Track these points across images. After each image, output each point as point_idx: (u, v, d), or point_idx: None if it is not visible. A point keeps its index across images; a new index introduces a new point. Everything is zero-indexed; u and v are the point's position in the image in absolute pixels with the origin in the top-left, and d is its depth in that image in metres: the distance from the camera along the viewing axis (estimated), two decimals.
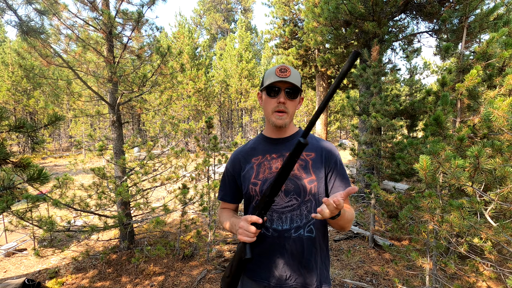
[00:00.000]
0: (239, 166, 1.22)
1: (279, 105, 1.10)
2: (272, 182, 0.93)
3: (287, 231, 1.08)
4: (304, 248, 1.08)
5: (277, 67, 1.10)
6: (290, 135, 1.20)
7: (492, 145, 1.65)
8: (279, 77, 1.08)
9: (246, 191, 1.17)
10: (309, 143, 1.17)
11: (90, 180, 3.99)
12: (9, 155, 1.88)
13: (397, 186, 6.19)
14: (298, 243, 1.08)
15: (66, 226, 3.30)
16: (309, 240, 1.09)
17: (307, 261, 1.09)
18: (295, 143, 0.84)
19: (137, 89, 4.13)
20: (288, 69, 1.09)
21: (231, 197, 1.28)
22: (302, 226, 1.09)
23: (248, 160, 1.21)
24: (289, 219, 1.09)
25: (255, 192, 1.13)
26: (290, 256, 1.08)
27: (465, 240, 2.23)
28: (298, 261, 1.08)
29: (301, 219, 1.09)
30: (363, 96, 4.61)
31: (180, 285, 3.30)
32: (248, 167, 1.18)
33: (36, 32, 3.05)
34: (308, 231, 1.10)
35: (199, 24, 37.89)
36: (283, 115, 1.11)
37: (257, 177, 1.14)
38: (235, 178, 1.24)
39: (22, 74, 17.02)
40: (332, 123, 22.38)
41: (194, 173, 4.31)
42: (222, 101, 23.27)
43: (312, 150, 1.16)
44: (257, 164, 1.17)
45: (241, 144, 13.48)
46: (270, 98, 1.11)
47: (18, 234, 4.88)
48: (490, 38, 2.51)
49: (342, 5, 5.17)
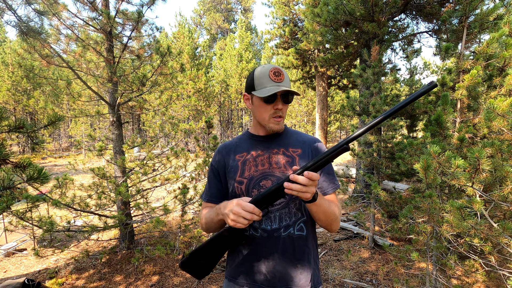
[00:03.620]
0: (223, 162, 1.17)
1: (277, 111, 1.07)
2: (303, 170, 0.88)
3: (276, 231, 1.05)
4: (295, 247, 1.05)
5: (270, 69, 1.05)
6: (276, 133, 1.17)
7: (492, 145, 1.65)
8: (274, 82, 1.03)
9: (231, 190, 1.12)
10: (295, 139, 1.17)
11: (90, 180, 3.99)
12: (9, 155, 1.88)
13: (397, 186, 6.18)
14: (289, 242, 1.05)
15: (66, 226, 3.30)
16: (300, 239, 1.07)
17: (299, 261, 1.06)
18: (338, 147, 0.87)
19: (137, 89, 4.13)
20: (282, 72, 1.05)
21: (218, 198, 1.19)
22: (292, 224, 1.06)
23: (232, 156, 1.16)
24: (277, 218, 1.06)
25: (240, 191, 1.09)
26: (282, 257, 1.04)
27: (464, 240, 2.23)
28: (289, 262, 1.05)
29: (290, 217, 1.06)
30: (363, 96, 4.60)
31: (179, 285, 3.30)
32: (232, 164, 1.14)
33: (36, 33, 3.05)
34: (299, 229, 1.07)
35: (199, 24, 37.89)
36: (281, 120, 1.09)
37: (242, 175, 1.10)
38: (219, 174, 1.18)
39: (22, 74, 17.03)
40: (332, 123, 22.36)
41: (194, 173, 4.31)
42: (222, 101, 23.26)
43: (298, 146, 1.14)
44: (242, 161, 1.13)
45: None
46: (266, 104, 1.07)
47: (18, 234, 4.88)
48: (491, 38, 2.51)
49: (342, 6, 5.17)
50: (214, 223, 1.08)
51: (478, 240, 2.02)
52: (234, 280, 1.11)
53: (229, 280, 1.14)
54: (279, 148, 1.13)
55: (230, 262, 1.15)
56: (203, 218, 1.16)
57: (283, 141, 1.15)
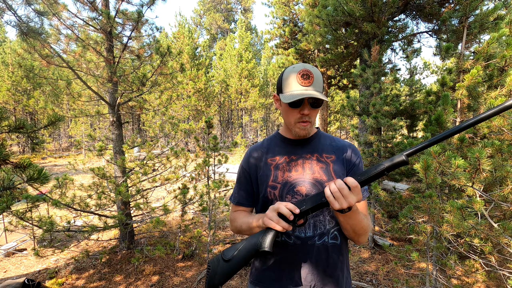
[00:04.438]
0: (255, 166, 1.14)
1: (303, 116, 1.02)
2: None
3: (310, 239, 1.02)
4: (329, 256, 1.02)
5: (299, 70, 0.98)
6: (310, 136, 1.13)
7: (492, 145, 1.65)
8: (301, 86, 0.98)
9: (263, 194, 1.09)
10: (329, 144, 1.13)
11: (90, 180, 3.99)
12: (9, 156, 1.88)
13: (397, 186, 6.18)
14: (323, 251, 1.02)
15: (66, 226, 3.30)
16: (334, 247, 1.04)
17: (333, 270, 1.03)
18: (398, 160, 0.81)
19: (137, 89, 4.13)
20: (311, 73, 0.98)
21: (248, 201, 1.17)
22: (326, 232, 1.03)
23: (264, 160, 1.13)
24: (312, 226, 1.03)
25: (274, 196, 1.06)
26: (315, 265, 1.01)
27: (465, 240, 2.23)
28: (323, 271, 1.02)
29: (324, 225, 1.03)
30: (363, 96, 4.61)
31: (179, 285, 3.30)
32: (265, 168, 1.11)
33: (36, 33, 3.05)
34: (333, 237, 1.04)
35: (199, 24, 37.90)
36: (307, 124, 1.03)
37: (275, 180, 1.07)
38: (251, 177, 1.15)
39: (22, 74, 17.03)
40: (332, 123, 22.37)
41: (194, 173, 4.31)
42: (222, 101, 23.27)
43: (332, 152, 1.10)
44: (274, 166, 1.10)
45: (241, 144, 13.34)
46: (292, 108, 1.02)
47: (18, 234, 4.88)
48: (491, 38, 2.51)
49: (341, 7, 5.18)
50: (250, 228, 1.04)
51: (478, 240, 2.02)
52: (261, 284, 1.08)
53: (255, 285, 1.11)
54: (313, 153, 1.09)
55: (257, 266, 1.12)
56: (237, 222, 1.12)
57: (316, 146, 1.12)
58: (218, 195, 4.38)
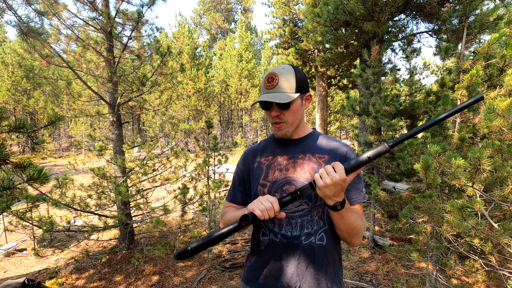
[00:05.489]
0: (249, 166, 1.18)
1: (274, 118, 1.06)
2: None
3: (296, 238, 1.03)
4: (315, 257, 1.03)
5: (266, 75, 1.03)
6: (302, 137, 1.15)
7: (492, 145, 1.65)
8: (266, 89, 1.03)
9: (254, 192, 1.12)
10: (323, 145, 1.13)
11: (90, 180, 3.99)
12: (9, 156, 1.88)
13: (397, 186, 6.18)
14: (309, 251, 1.02)
15: (66, 226, 3.30)
16: (321, 248, 1.04)
17: (318, 271, 1.03)
18: (380, 149, 0.84)
19: (137, 89, 4.13)
20: (276, 76, 1.01)
21: (242, 199, 1.21)
22: (313, 233, 1.03)
23: (258, 159, 1.17)
24: (299, 225, 1.03)
25: (263, 194, 1.08)
26: (300, 265, 1.02)
27: (465, 240, 2.23)
28: (308, 271, 1.02)
29: (312, 225, 1.04)
30: (363, 96, 4.60)
31: (179, 285, 3.30)
32: (258, 168, 1.14)
33: (36, 33, 3.05)
34: (320, 238, 1.04)
35: (199, 24, 37.90)
36: (281, 125, 1.07)
37: (266, 178, 1.10)
38: (245, 177, 1.19)
39: (22, 74, 17.04)
40: (332, 123, 22.38)
41: (194, 173, 4.31)
42: (222, 101, 23.27)
43: (325, 152, 1.10)
44: (267, 165, 1.13)
45: (241, 144, 13.32)
46: (267, 111, 1.07)
47: (18, 234, 4.88)
48: (492, 38, 2.51)
49: (341, 6, 5.18)
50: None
51: (478, 240, 2.02)
52: (251, 284, 1.10)
53: (246, 283, 1.12)
54: (305, 153, 1.11)
55: (249, 265, 1.15)
56: (226, 216, 1.14)
57: (309, 146, 1.13)
58: (218, 195, 4.38)
